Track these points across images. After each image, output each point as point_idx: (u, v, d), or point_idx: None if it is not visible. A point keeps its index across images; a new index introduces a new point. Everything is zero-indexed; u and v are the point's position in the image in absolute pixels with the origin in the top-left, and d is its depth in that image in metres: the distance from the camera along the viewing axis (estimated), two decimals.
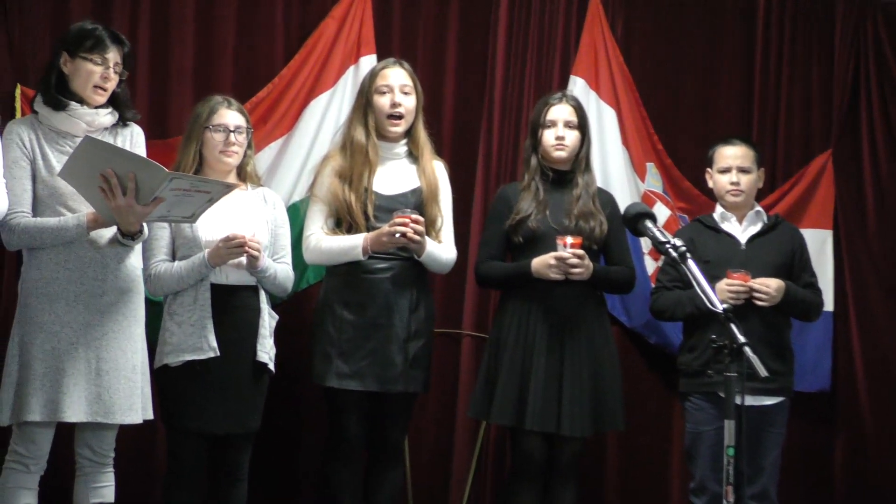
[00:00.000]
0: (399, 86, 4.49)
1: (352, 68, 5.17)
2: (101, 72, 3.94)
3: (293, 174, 5.05)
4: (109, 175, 3.72)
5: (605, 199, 4.66)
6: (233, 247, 4.13)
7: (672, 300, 4.66)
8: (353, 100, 4.73)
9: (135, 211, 3.78)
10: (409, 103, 4.51)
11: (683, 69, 5.76)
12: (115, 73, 3.99)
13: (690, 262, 3.48)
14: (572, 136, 4.56)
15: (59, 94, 3.94)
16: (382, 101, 4.49)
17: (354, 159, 4.45)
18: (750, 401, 4.34)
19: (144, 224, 3.96)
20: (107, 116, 4.02)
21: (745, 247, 4.71)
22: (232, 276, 4.24)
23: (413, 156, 4.57)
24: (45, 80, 3.99)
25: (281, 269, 4.35)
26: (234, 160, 4.34)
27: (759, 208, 4.81)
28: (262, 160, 4.94)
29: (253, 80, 5.14)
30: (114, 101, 4.05)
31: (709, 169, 4.87)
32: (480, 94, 5.49)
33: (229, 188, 3.92)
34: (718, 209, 4.80)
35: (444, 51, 5.48)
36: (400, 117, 4.49)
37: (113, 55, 3.97)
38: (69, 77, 3.96)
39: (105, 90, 3.98)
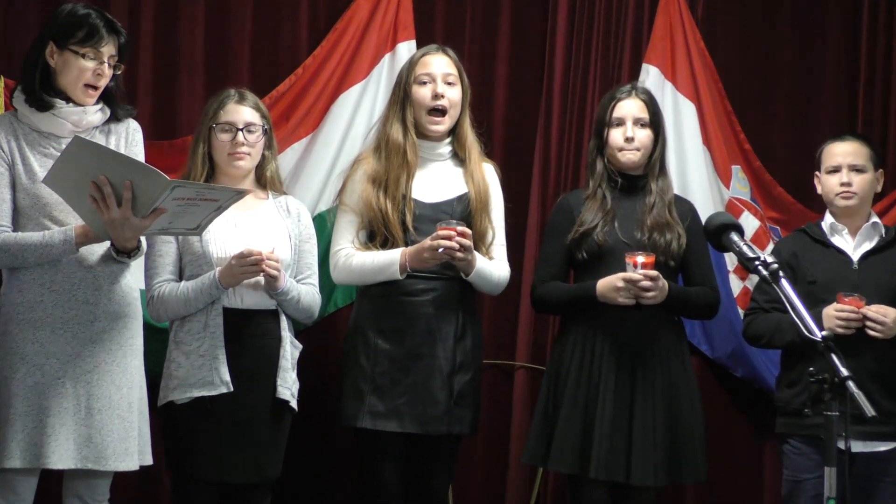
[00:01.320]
0: (442, 75, 4.46)
1: (387, 57, 5.18)
2: (93, 68, 3.90)
3: (319, 180, 5.06)
4: (102, 183, 3.66)
5: (684, 208, 4.61)
6: (248, 264, 4.09)
7: (771, 324, 4.58)
8: (389, 93, 4.72)
9: (131, 224, 3.72)
10: (453, 95, 4.47)
11: (776, 56, 5.74)
12: (110, 67, 3.94)
13: (783, 283, 3.39)
14: (644, 136, 4.51)
15: (43, 90, 3.90)
16: (423, 93, 4.46)
17: (390, 161, 4.41)
18: (860, 447, 4.30)
19: (142, 239, 3.92)
20: (96, 114, 3.98)
21: (857, 265, 4.59)
22: (248, 298, 4.21)
23: (458, 158, 4.55)
24: (27, 75, 3.94)
25: (305, 290, 4.32)
26: (245, 164, 4.31)
27: (875, 219, 4.71)
28: (284, 163, 4.91)
29: (273, 72, 5.16)
30: (104, 96, 4.00)
31: (817, 172, 4.78)
32: (537, 86, 5.48)
33: (240, 195, 3.87)
34: (828, 218, 4.70)
35: (494, 36, 5.48)
36: (443, 112, 4.47)
37: (108, 48, 3.92)
38: (56, 71, 3.91)
39: (97, 89, 3.94)
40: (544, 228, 4.84)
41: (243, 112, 4.31)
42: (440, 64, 4.48)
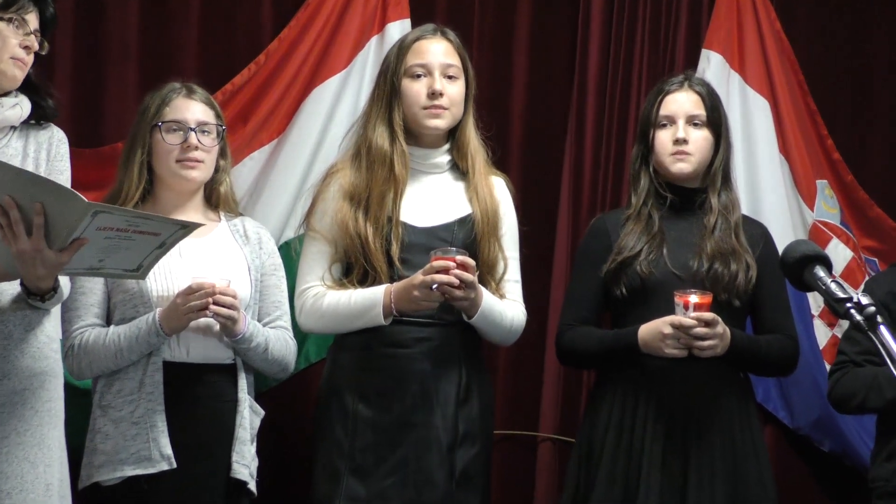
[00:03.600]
0: (440, 66, 4.44)
1: (374, 40, 5.23)
2: (21, 38, 3.91)
3: (286, 199, 5.09)
4: (8, 206, 3.62)
5: (755, 232, 4.61)
6: (195, 299, 4.07)
7: (864, 380, 4.54)
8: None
9: (45, 258, 3.66)
10: (453, 92, 4.45)
11: (871, 39, 5.78)
12: (37, 40, 3.96)
13: (882, 331, 3.39)
14: (699, 138, 4.51)
15: None
16: (416, 89, 4.43)
17: (373, 174, 4.40)
18: None
19: (63, 279, 3.91)
20: (14, 108, 3.97)
21: None
22: (196, 349, 4.23)
23: (459, 170, 4.54)
24: None
25: (274, 335, 4.34)
26: (198, 174, 4.32)
27: None
28: (240, 178, 4.95)
29: (228, 61, 5.20)
30: (24, 87, 4.01)
31: None
32: (567, 81, 5.52)
33: (187, 229, 3.81)
34: None
35: (512, 16, 5.52)
36: (442, 106, 4.44)
37: (32, 18, 3.95)
38: None
39: (26, 64, 3.94)
40: (574, 259, 4.84)
41: (194, 108, 4.32)
42: (438, 51, 4.44)
